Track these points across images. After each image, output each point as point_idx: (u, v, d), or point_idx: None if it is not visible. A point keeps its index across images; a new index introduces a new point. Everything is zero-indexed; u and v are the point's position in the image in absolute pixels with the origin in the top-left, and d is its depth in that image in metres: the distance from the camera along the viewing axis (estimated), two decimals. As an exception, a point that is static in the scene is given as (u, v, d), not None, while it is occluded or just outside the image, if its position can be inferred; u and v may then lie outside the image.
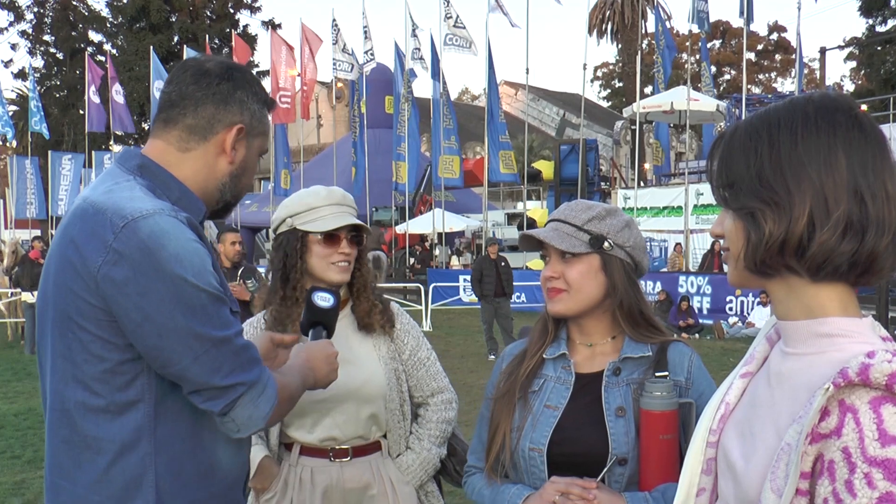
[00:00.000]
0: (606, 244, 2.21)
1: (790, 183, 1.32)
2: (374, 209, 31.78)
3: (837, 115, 1.34)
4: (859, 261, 1.31)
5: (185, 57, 31.96)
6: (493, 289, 14.34)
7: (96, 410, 1.81)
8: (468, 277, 18.99)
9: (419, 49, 27.77)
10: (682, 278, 19.49)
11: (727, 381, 1.57)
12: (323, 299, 2.39)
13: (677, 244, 21.79)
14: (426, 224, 30.74)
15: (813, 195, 1.30)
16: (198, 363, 1.76)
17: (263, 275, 3.17)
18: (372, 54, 29.52)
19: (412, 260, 29.42)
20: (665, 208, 23.89)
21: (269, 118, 2.07)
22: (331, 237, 2.88)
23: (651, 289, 18.86)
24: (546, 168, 33.51)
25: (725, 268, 1.53)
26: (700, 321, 17.98)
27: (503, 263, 14.74)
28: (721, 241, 1.47)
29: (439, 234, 29.69)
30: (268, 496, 2.91)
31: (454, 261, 29.20)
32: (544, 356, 2.30)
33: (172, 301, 1.73)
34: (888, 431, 1.19)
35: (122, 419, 1.81)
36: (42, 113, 36.96)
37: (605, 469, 2.10)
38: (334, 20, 29.73)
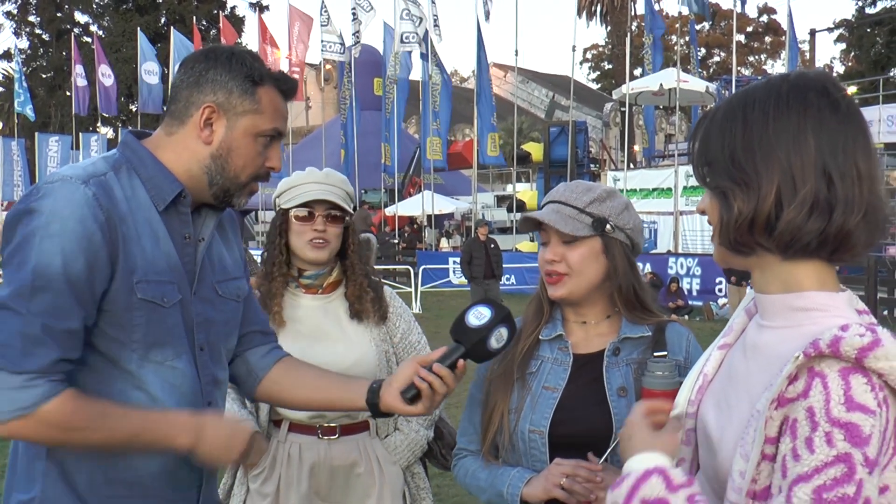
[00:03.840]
0: (608, 227, 2.20)
1: (759, 163, 1.34)
2: (363, 191, 31.70)
3: (809, 95, 1.35)
4: (828, 239, 1.33)
5: (171, 38, 32.08)
6: (482, 271, 14.35)
7: None
8: (458, 260, 18.97)
9: (409, 33, 27.60)
10: (671, 260, 19.54)
11: (706, 353, 1.61)
12: (477, 316, 1.98)
13: None
14: (415, 206, 30.70)
15: (781, 174, 1.32)
16: None
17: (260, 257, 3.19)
18: (359, 36, 29.36)
19: (397, 241, 29.38)
20: (654, 190, 23.89)
21: (266, 96, 1.96)
22: (306, 214, 2.89)
23: (640, 270, 18.85)
24: (535, 150, 33.39)
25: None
26: (689, 302, 18.02)
27: (493, 245, 14.75)
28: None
29: (428, 217, 29.66)
30: (256, 472, 2.93)
31: (443, 243, 29.17)
32: (540, 337, 2.28)
33: (18, 252, 1.76)
34: (855, 398, 1.21)
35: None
36: (28, 94, 36.73)
37: (609, 450, 2.09)
38: (323, 1, 29.53)
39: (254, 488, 2.95)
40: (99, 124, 40.85)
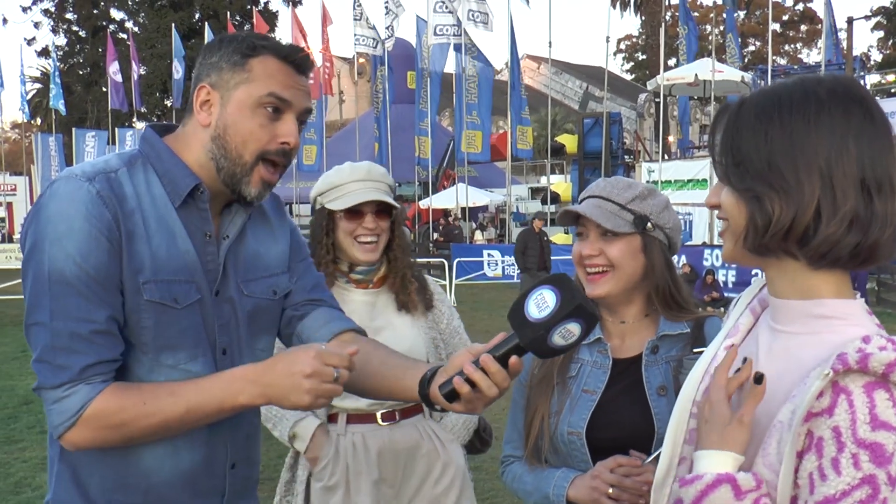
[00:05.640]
0: (649, 225, 2.17)
1: (801, 171, 1.32)
2: (396, 184, 31.68)
3: (851, 105, 1.34)
4: (861, 252, 1.32)
5: (206, 34, 32.30)
6: (536, 262, 14.42)
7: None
8: (492, 252, 18.97)
9: (443, 25, 27.54)
10: (707, 252, 19.38)
11: (710, 352, 1.59)
12: (538, 305, 1.60)
13: None
14: (449, 199, 30.69)
15: (822, 186, 1.31)
16: (28, 331, 1.76)
17: None
18: (392, 30, 29.34)
19: (435, 234, 29.40)
20: (689, 181, 23.69)
21: (259, 65, 1.85)
22: (355, 212, 2.88)
23: (676, 262, 18.68)
24: (569, 142, 33.27)
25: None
26: (725, 295, 17.86)
27: (545, 237, 14.81)
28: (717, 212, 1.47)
29: (462, 209, 29.65)
30: (320, 466, 2.91)
31: (478, 235, 29.14)
32: None
33: (31, 260, 1.75)
34: (879, 416, 1.23)
35: None
36: (60, 89, 37.16)
37: (654, 453, 2.01)
38: (355, -5, 29.54)
39: (319, 486, 2.92)
40: (135, 119, 41.25)
